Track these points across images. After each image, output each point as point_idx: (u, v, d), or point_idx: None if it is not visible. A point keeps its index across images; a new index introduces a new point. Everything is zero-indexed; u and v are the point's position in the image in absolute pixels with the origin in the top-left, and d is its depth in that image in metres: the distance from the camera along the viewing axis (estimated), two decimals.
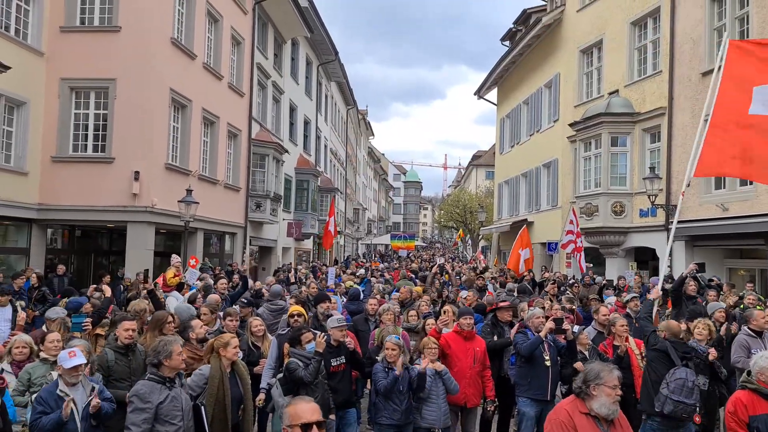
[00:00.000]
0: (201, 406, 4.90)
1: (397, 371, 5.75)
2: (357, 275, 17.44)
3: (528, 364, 6.50)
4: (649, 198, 15.56)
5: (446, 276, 17.19)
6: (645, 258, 17.80)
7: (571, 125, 19.38)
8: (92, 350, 5.67)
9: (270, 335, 7.19)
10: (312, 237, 29.84)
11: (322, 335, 5.67)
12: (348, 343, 6.11)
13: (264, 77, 22.64)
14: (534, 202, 25.34)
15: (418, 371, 5.84)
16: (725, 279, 14.48)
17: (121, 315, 6.61)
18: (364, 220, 56.07)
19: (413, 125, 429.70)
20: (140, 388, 4.62)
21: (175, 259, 11.53)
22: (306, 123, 29.56)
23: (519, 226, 21.07)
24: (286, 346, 6.36)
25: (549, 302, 9.68)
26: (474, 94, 32.31)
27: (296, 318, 6.68)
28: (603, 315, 7.86)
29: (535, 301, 9.28)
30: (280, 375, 5.79)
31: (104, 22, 14.97)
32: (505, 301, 7.93)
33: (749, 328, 7.22)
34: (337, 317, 6.53)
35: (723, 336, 7.47)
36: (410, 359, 6.41)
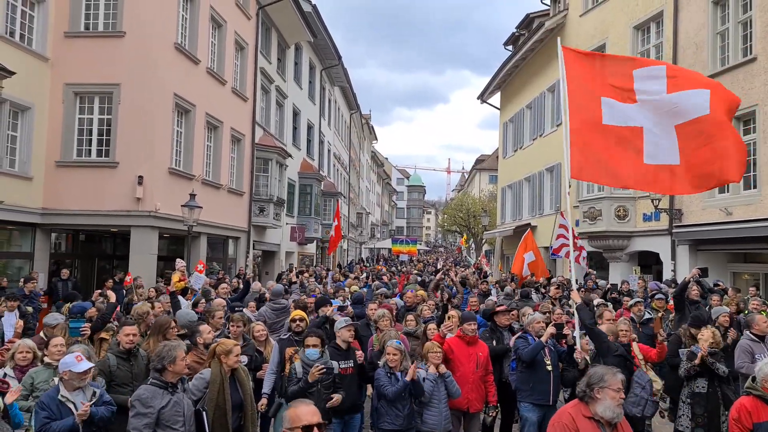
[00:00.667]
0: (203, 412, 4.88)
1: (408, 377, 5.72)
2: (360, 279, 17.41)
3: (529, 369, 6.49)
4: (653, 202, 15.54)
5: (449, 281, 17.12)
6: (648, 262, 17.75)
7: None
8: (93, 355, 5.66)
9: (272, 339, 7.19)
10: (315, 241, 29.85)
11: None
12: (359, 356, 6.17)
13: (267, 82, 22.70)
14: (537, 207, 25.29)
15: (409, 379, 5.76)
16: (729, 283, 14.41)
17: (124, 321, 6.61)
18: (368, 224, 56.09)
19: (416, 129, 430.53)
20: (142, 393, 4.61)
21: (180, 264, 11.52)
22: (309, 127, 29.61)
23: (522, 231, 21.02)
24: (288, 351, 6.35)
25: (551, 306, 9.65)
26: (477, 99, 32.31)
27: (298, 323, 6.67)
28: (606, 319, 7.82)
29: (541, 306, 9.25)
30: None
31: (108, 28, 15.05)
32: (503, 305, 7.90)
33: (752, 333, 7.17)
34: (344, 318, 6.54)
35: (728, 343, 7.42)
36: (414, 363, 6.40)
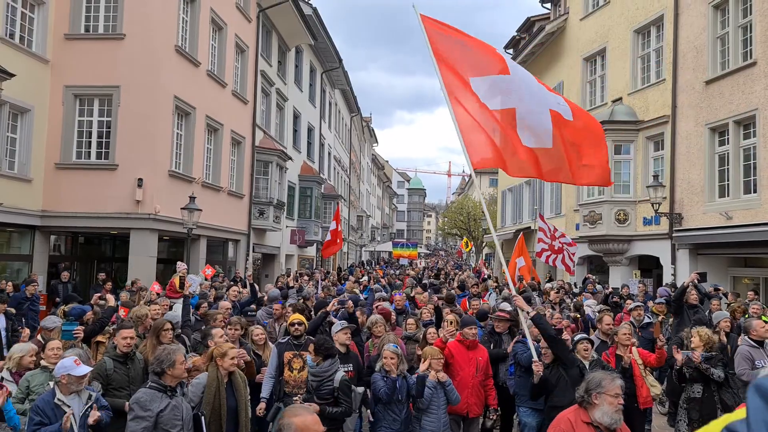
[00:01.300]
0: (201, 416, 4.87)
1: (393, 374, 5.69)
2: (360, 282, 17.40)
3: (528, 374, 6.46)
4: (653, 206, 15.52)
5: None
6: (649, 266, 17.73)
7: None
8: (90, 358, 5.64)
9: (270, 343, 7.17)
10: (315, 244, 29.83)
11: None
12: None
13: (268, 84, 22.71)
14: (537, 210, 25.26)
15: (417, 376, 5.76)
16: (729, 287, 14.40)
17: (121, 324, 6.59)
18: (368, 227, 56.06)
19: (417, 132, 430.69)
20: (141, 396, 4.60)
21: (181, 267, 11.46)
22: (310, 130, 29.61)
23: (524, 234, 20.99)
24: (287, 355, 6.34)
25: (551, 310, 9.63)
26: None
27: (296, 326, 6.65)
28: (606, 324, 7.81)
29: (537, 310, 9.21)
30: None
31: (109, 30, 15.06)
32: (503, 311, 7.89)
33: (750, 338, 7.14)
34: (340, 322, 6.53)
35: (727, 345, 7.40)
36: (410, 368, 6.39)
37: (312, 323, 7.19)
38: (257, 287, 11.60)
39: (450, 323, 7.27)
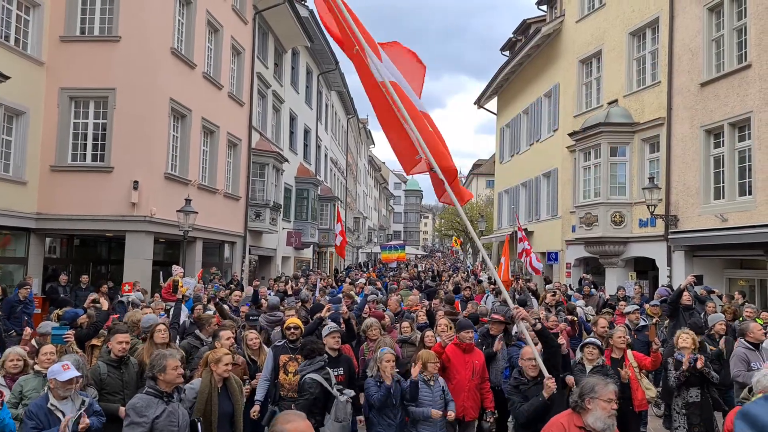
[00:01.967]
0: (198, 422, 4.83)
1: (387, 381, 5.67)
2: (356, 284, 17.36)
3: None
4: (648, 208, 15.54)
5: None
6: (645, 268, 17.75)
7: (571, 135, 19.39)
8: (85, 364, 5.62)
9: (266, 347, 7.15)
10: (312, 246, 29.80)
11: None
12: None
13: (264, 86, 22.69)
14: (534, 212, 25.31)
15: (410, 381, 5.73)
16: (725, 289, 14.44)
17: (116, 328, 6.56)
18: (365, 229, 56.01)
19: None
20: (137, 402, 4.56)
21: (177, 270, 11.40)
22: (306, 132, 29.60)
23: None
24: (282, 358, 6.33)
25: (546, 312, 9.62)
26: (474, 104, 32.32)
27: (293, 330, 6.64)
28: (601, 327, 7.82)
29: (530, 313, 9.21)
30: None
31: (104, 32, 15.01)
32: (497, 314, 7.89)
33: (747, 341, 7.18)
34: (330, 325, 6.51)
35: (722, 350, 7.43)
36: (406, 371, 6.37)
37: (307, 328, 7.17)
38: (244, 287, 11.54)
39: (448, 328, 7.22)
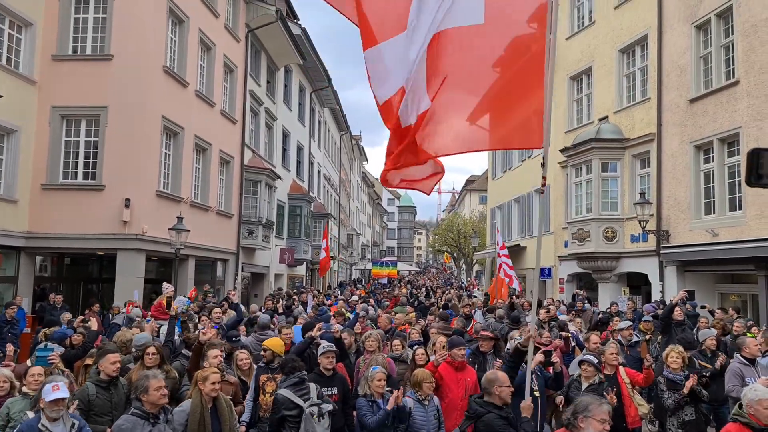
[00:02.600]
0: None
1: (390, 405, 5.56)
2: (349, 302, 17.29)
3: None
4: (640, 223, 15.61)
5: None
6: (638, 283, 17.79)
7: (562, 151, 19.50)
8: (72, 383, 5.55)
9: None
10: (305, 263, 29.69)
11: None
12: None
13: (257, 104, 22.75)
14: (526, 228, 25.36)
15: (391, 407, 5.56)
16: (717, 304, 14.47)
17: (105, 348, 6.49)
18: (358, 245, 55.95)
19: None
20: (123, 423, 4.56)
21: (168, 288, 11.33)
22: (299, 149, 29.65)
23: (512, 252, 21.04)
24: (261, 378, 6.31)
25: (540, 329, 9.58)
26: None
27: (263, 352, 6.68)
28: (594, 344, 7.81)
29: (521, 330, 9.19)
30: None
31: (96, 51, 15.03)
32: (486, 331, 7.87)
33: (742, 356, 7.19)
34: (325, 344, 6.45)
35: (717, 369, 7.41)
36: (397, 389, 6.30)
37: (297, 348, 7.10)
38: (243, 308, 11.47)
39: (443, 347, 7.15)
